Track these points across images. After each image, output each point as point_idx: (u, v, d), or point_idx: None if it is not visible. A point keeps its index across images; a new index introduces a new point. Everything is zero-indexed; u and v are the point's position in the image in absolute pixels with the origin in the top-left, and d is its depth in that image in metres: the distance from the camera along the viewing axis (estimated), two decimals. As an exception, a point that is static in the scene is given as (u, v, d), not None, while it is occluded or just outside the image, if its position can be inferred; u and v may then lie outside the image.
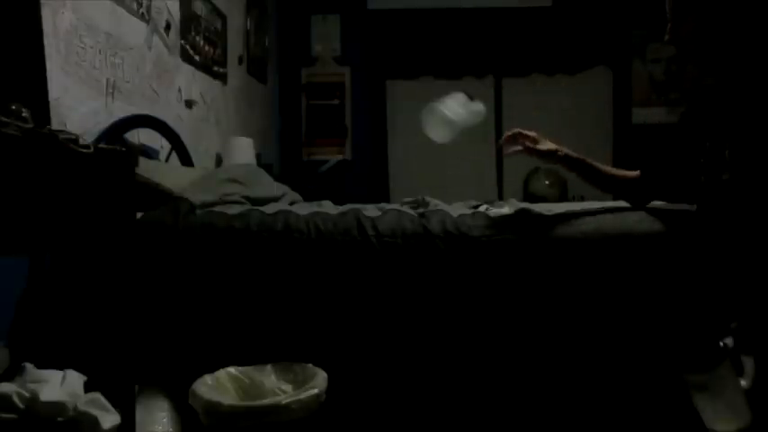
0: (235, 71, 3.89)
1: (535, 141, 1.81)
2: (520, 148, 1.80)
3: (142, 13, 2.67)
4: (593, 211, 1.79)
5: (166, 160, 2.85)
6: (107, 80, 2.38)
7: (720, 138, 1.58)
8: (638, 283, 1.65)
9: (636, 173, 1.82)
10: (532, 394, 1.70)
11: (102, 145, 1.97)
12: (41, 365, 1.31)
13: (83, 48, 2.21)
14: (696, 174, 1.63)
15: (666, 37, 1.65)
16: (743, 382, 1.51)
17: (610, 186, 1.87)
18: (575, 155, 1.82)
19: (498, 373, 1.70)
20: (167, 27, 2.92)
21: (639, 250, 1.65)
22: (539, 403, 1.69)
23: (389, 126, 4.97)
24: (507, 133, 1.84)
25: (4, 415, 1.16)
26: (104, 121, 2.33)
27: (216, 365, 1.64)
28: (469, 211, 1.87)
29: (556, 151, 1.80)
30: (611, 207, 1.81)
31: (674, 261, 1.63)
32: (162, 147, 2.83)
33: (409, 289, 1.71)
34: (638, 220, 1.69)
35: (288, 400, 1.47)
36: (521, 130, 1.82)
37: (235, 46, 3.89)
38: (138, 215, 1.76)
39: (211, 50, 3.49)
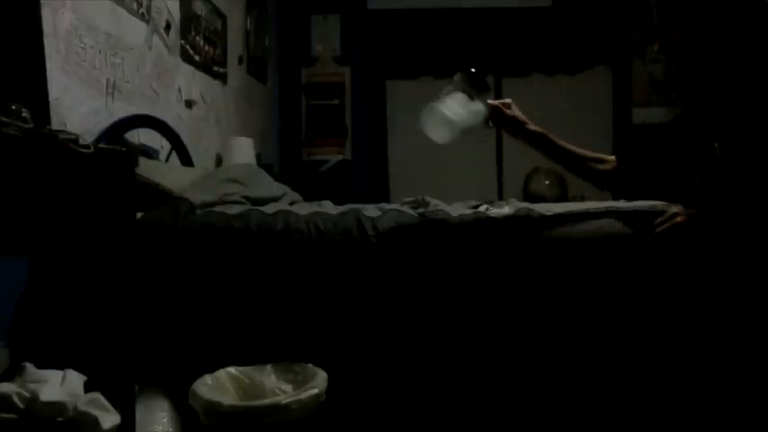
0: (235, 71, 3.89)
1: (508, 107, 1.84)
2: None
3: (142, 13, 2.67)
4: (593, 211, 1.79)
5: (166, 160, 2.85)
6: (107, 80, 2.38)
7: (714, 140, 1.59)
8: (639, 284, 1.65)
9: (607, 157, 1.87)
10: (532, 395, 1.70)
11: (102, 145, 1.96)
12: (41, 365, 1.31)
13: (83, 48, 2.21)
14: (690, 176, 1.64)
15: (656, 47, 1.67)
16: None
17: (576, 166, 1.89)
18: (539, 129, 1.84)
19: (498, 373, 1.70)
20: (167, 27, 2.92)
21: (639, 251, 1.65)
22: (538, 403, 1.69)
23: (389, 126, 4.96)
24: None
25: (4, 415, 1.16)
26: (104, 121, 2.33)
27: (216, 365, 1.64)
28: (469, 211, 1.87)
29: (523, 123, 1.83)
30: (611, 207, 1.81)
31: (675, 262, 1.63)
32: (162, 147, 2.83)
33: (409, 289, 1.71)
34: (637, 222, 1.69)
35: (288, 400, 1.47)
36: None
37: (235, 46, 3.89)
38: (138, 215, 1.76)
39: (211, 50, 3.49)
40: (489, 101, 1.82)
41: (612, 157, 1.90)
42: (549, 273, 1.68)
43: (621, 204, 1.84)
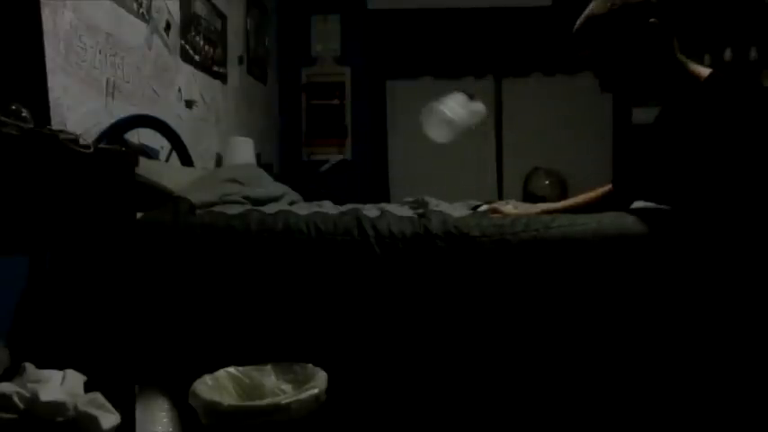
0: (235, 71, 3.89)
1: (496, 211, 1.86)
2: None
3: (142, 13, 2.67)
4: (592, 211, 1.79)
5: (166, 160, 2.85)
6: (107, 80, 2.38)
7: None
8: (637, 283, 1.65)
9: (604, 189, 1.85)
10: (531, 395, 1.70)
11: (102, 145, 1.97)
12: (41, 365, 1.31)
13: (83, 48, 2.21)
14: (672, 182, 1.65)
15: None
16: None
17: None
18: (559, 206, 1.85)
19: (498, 373, 1.70)
20: (167, 27, 2.92)
21: (638, 250, 1.65)
22: (538, 404, 1.69)
23: (389, 126, 4.96)
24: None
25: (4, 415, 1.16)
26: (104, 121, 2.33)
27: (216, 365, 1.64)
28: (470, 211, 1.87)
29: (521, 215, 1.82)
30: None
31: (673, 261, 1.63)
32: (162, 147, 2.83)
33: (409, 289, 1.71)
34: (636, 221, 1.69)
35: (288, 400, 1.47)
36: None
37: (235, 46, 3.89)
38: (138, 215, 1.76)
39: (211, 50, 3.49)
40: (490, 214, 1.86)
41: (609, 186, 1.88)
42: (548, 272, 1.68)
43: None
